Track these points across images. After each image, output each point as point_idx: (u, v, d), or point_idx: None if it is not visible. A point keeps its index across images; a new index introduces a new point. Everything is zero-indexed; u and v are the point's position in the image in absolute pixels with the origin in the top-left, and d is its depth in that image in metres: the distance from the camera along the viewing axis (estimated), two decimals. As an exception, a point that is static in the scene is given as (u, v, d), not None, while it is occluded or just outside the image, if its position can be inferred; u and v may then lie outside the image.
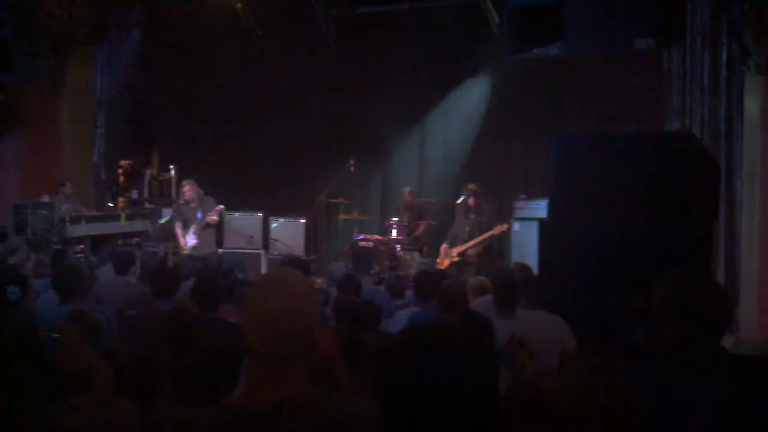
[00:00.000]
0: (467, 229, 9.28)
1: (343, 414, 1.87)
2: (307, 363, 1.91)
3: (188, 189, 9.95)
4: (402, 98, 11.99)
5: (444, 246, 9.52)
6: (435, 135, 11.79)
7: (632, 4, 5.90)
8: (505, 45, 6.57)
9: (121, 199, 12.09)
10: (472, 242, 9.21)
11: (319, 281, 6.89)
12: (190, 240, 9.79)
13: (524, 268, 6.26)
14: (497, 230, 9.26)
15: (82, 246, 9.34)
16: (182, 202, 10.00)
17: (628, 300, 4.10)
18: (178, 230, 10.01)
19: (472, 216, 9.34)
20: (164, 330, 3.55)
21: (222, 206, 10.04)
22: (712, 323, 2.37)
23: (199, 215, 9.86)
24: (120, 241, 9.81)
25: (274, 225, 11.50)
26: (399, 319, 5.33)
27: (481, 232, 9.22)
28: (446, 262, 9.34)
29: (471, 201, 9.34)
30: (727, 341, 4.88)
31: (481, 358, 1.43)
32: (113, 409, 3.08)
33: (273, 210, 11.83)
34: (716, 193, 6.32)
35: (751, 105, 7.67)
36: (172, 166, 12.38)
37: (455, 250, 9.28)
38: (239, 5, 12.03)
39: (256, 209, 11.72)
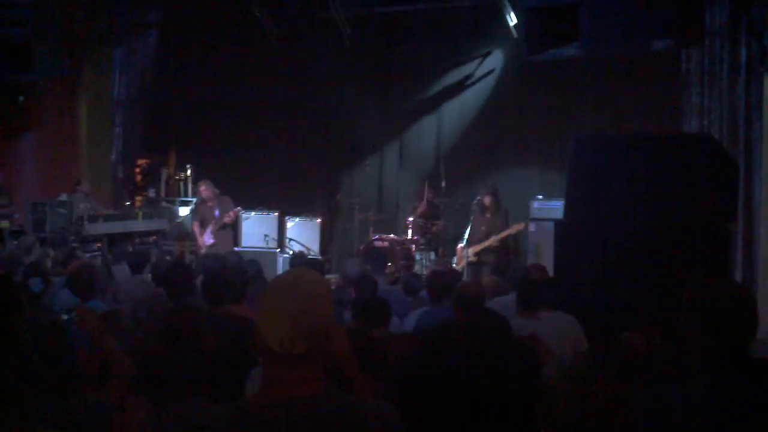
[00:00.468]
0: (483, 228, 9.24)
1: (358, 413, 1.87)
2: (321, 362, 1.92)
3: (204, 189, 10.01)
4: (419, 98, 11.99)
5: (460, 247, 9.49)
6: (452, 135, 11.77)
7: (650, 5, 5.87)
8: (523, 45, 6.56)
9: (138, 198, 12.17)
10: (489, 242, 9.15)
11: (333, 279, 6.92)
12: (207, 239, 9.84)
13: (540, 269, 6.25)
14: (514, 229, 9.20)
15: (99, 244, 9.41)
16: (199, 201, 10.07)
17: (643, 301, 4.07)
18: (196, 229, 10.08)
19: (488, 215, 9.30)
20: (166, 328, 3.56)
21: (239, 208, 10.09)
22: (736, 331, 2.31)
23: (216, 214, 9.92)
24: (137, 240, 9.87)
25: (290, 224, 11.53)
26: (411, 318, 5.34)
27: (498, 232, 9.17)
28: (462, 263, 9.31)
29: (487, 200, 9.30)
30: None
31: (509, 356, 1.38)
32: (130, 406, 3.10)
33: (289, 209, 11.87)
34: (734, 194, 6.27)
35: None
36: (189, 166, 12.45)
37: (471, 250, 9.24)
38: (256, 6, 12.06)
39: (272, 208, 11.77)
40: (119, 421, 2.93)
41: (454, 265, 9.42)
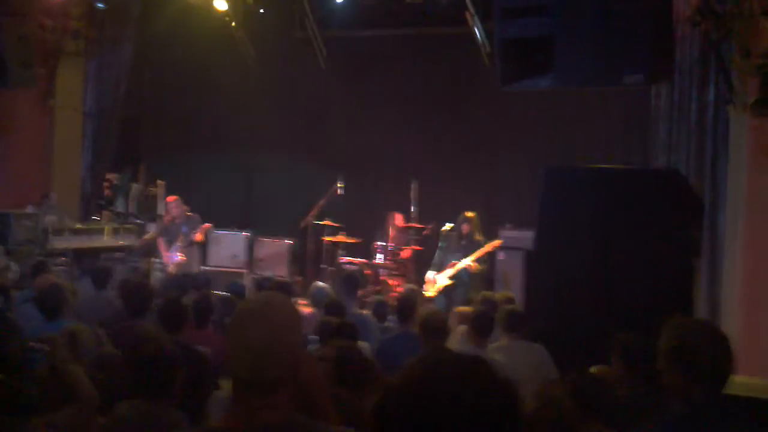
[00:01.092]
0: (458, 254, 9.23)
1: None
2: (290, 390, 1.90)
3: (174, 205, 9.93)
4: (392, 123, 12.03)
5: (429, 275, 9.44)
6: (424, 160, 11.82)
7: (623, 40, 5.96)
8: (497, 76, 6.62)
9: (106, 213, 12.01)
10: (465, 261, 9.09)
11: (303, 302, 6.87)
12: (173, 257, 9.74)
13: (507, 299, 6.28)
14: (490, 247, 9.16)
15: (64, 258, 9.26)
16: (167, 218, 9.98)
17: (610, 333, 4.09)
18: (162, 246, 9.97)
19: (463, 242, 9.29)
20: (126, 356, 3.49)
21: (209, 224, 10.01)
22: (715, 373, 2.35)
23: (184, 230, 9.83)
24: (103, 255, 9.74)
25: (259, 245, 11.48)
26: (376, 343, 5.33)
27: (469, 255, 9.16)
28: (432, 289, 9.27)
29: (465, 228, 9.30)
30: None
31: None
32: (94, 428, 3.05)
33: (258, 230, 11.81)
34: (699, 229, 6.37)
35: (737, 143, 7.75)
36: (160, 181, 12.35)
37: (445, 275, 9.19)
38: (233, 24, 12.07)
39: (242, 228, 11.70)
40: None
41: (424, 293, 9.39)
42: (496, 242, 9.23)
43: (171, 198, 10.10)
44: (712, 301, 8.08)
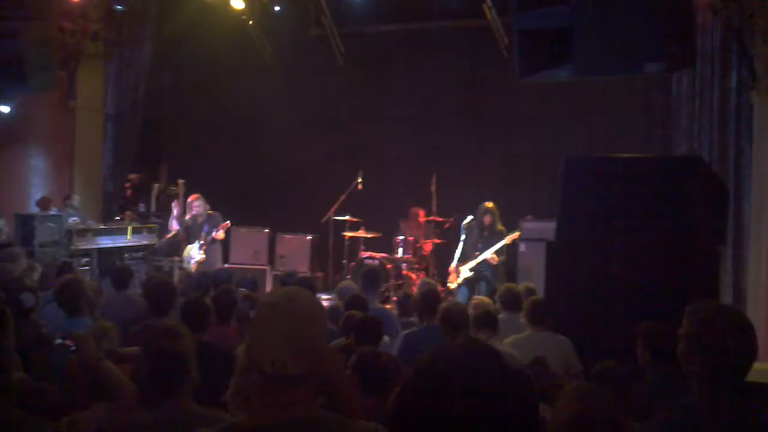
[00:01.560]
0: (479, 245, 9.20)
1: (348, 435, 1.85)
2: (314, 384, 1.90)
3: (197, 204, 9.99)
4: (411, 116, 12.02)
5: (452, 266, 9.43)
6: (444, 154, 11.79)
7: (643, 28, 5.91)
8: (515, 67, 6.58)
9: (128, 213, 12.11)
10: (485, 255, 9.06)
11: (324, 298, 6.87)
12: (196, 255, 9.80)
13: (529, 290, 6.25)
14: (509, 239, 9.12)
15: (88, 259, 9.35)
16: (189, 216, 10.04)
17: (634, 323, 4.06)
18: (185, 244, 10.05)
19: (485, 234, 9.25)
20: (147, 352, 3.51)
21: (228, 222, 10.06)
22: (737, 359, 2.30)
23: (205, 229, 9.89)
24: (126, 255, 9.82)
25: (280, 241, 11.53)
26: (398, 339, 5.32)
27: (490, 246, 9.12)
28: (455, 281, 9.26)
29: (486, 219, 9.27)
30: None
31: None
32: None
33: (280, 226, 11.85)
34: (724, 217, 6.30)
35: (761, 129, 7.66)
36: (181, 181, 12.43)
37: (466, 266, 9.17)
38: (250, 23, 12.10)
39: (263, 225, 11.74)
40: None
41: (448, 284, 9.39)
42: (516, 234, 9.19)
43: (193, 196, 10.16)
44: (737, 288, 8.01)
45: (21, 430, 2.40)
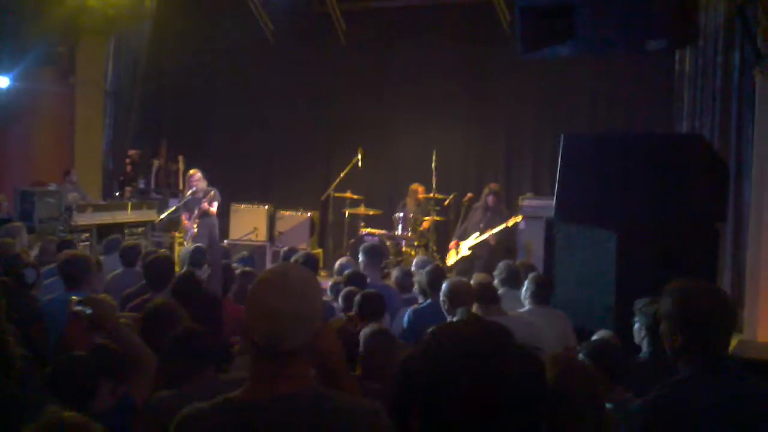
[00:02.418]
0: (481, 225, 9.21)
1: (345, 411, 1.86)
2: (309, 359, 1.91)
3: (196, 179, 9.98)
4: (412, 94, 11.97)
5: (453, 243, 9.43)
6: (444, 131, 11.76)
7: (645, 5, 5.85)
8: (517, 44, 6.53)
9: (128, 189, 12.11)
10: (484, 236, 9.08)
11: (323, 275, 6.88)
12: (190, 229, 9.83)
13: (528, 267, 6.26)
14: (511, 221, 9.13)
15: (87, 234, 9.36)
16: (189, 191, 10.04)
17: (632, 299, 4.07)
18: (185, 220, 10.05)
19: (488, 214, 9.25)
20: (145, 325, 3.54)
21: (213, 191, 10.01)
22: (718, 333, 2.35)
23: (202, 204, 9.91)
24: (126, 231, 9.82)
25: (280, 218, 11.53)
26: (402, 315, 5.34)
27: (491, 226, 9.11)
28: (452, 258, 9.29)
29: (491, 200, 9.27)
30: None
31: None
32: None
33: (279, 203, 11.85)
34: (724, 194, 6.28)
35: (763, 108, 7.62)
36: (180, 157, 12.42)
37: (466, 244, 9.21)
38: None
39: (263, 202, 11.75)
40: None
41: (446, 260, 9.41)
42: (518, 218, 9.18)
43: (192, 171, 10.14)
44: (737, 267, 8.02)
45: (20, 407, 2.40)
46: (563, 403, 2.15)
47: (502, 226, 8.99)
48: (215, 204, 10.07)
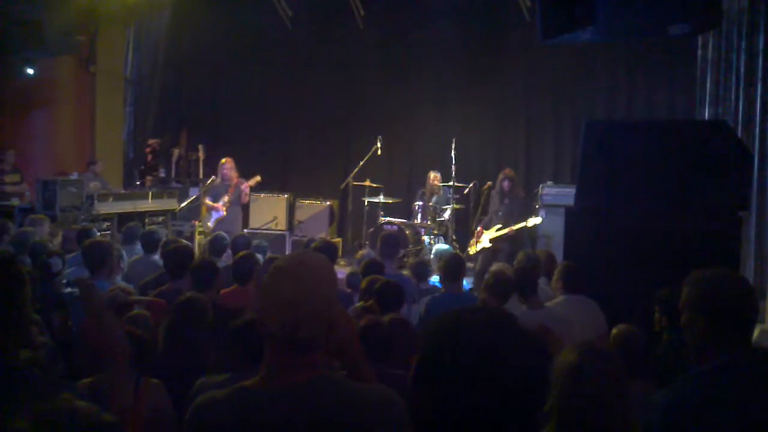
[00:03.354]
0: (500, 213, 9.15)
1: (361, 399, 1.84)
2: (325, 348, 1.89)
3: (227, 167, 9.97)
4: (431, 81, 11.92)
5: (479, 230, 9.37)
6: (463, 119, 11.70)
7: (667, -12, 5.76)
8: (537, 30, 6.46)
9: (148, 178, 12.17)
10: (504, 231, 9.02)
11: (342, 263, 6.87)
12: (215, 214, 9.85)
13: (548, 256, 6.20)
14: (531, 223, 9.00)
15: (108, 224, 9.41)
16: (218, 178, 10.07)
17: (653, 289, 4.03)
18: (207, 206, 10.07)
19: (506, 201, 9.19)
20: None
21: (246, 184, 10.04)
22: (740, 322, 2.30)
23: (243, 191, 9.94)
24: (146, 220, 9.87)
25: (300, 207, 11.55)
26: (420, 304, 5.32)
27: (513, 219, 9.03)
28: (477, 247, 9.23)
29: (506, 185, 9.19)
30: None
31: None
32: (144, 388, 3.08)
33: (299, 192, 11.86)
34: (748, 181, 6.20)
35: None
36: (201, 146, 12.45)
37: (487, 236, 9.14)
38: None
39: (282, 190, 11.77)
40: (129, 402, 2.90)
41: (468, 250, 9.36)
42: (537, 219, 8.98)
43: (226, 159, 10.13)
44: (760, 254, 7.92)
45: (39, 392, 2.41)
46: (581, 383, 2.13)
47: (522, 224, 8.87)
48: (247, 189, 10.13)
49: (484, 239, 9.16)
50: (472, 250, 9.31)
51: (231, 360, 3.05)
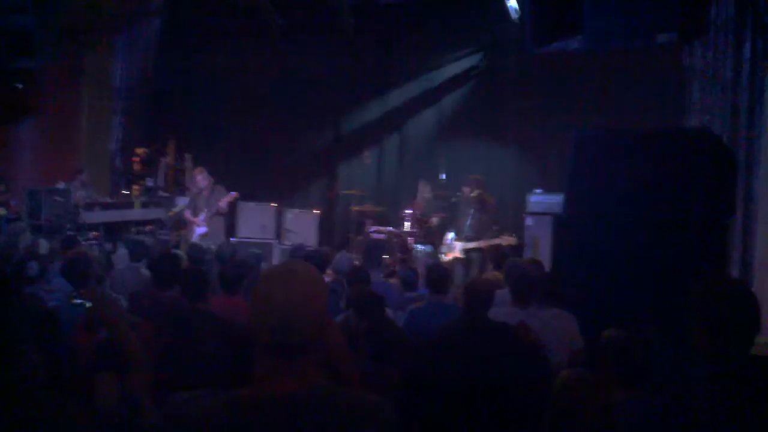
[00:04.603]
0: (467, 222, 9.09)
1: (352, 407, 1.84)
2: (314, 356, 1.89)
3: (202, 177, 9.98)
4: (420, 90, 11.94)
5: (448, 236, 9.34)
6: (452, 127, 11.73)
7: (654, -2, 5.81)
8: (527, 38, 6.50)
9: (136, 187, 12.11)
10: (475, 245, 8.96)
11: (330, 272, 6.85)
12: (199, 229, 9.82)
13: (536, 265, 6.20)
14: (505, 242, 8.91)
15: (96, 233, 9.37)
16: (195, 190, 10.04)
17: (641, 297, 4.04)
18: (191, 218, 10.05)
19: (471, 209, 9.15)
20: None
21: (235, 193, 10.03)
22: (742, 329, 2.30)
23: (209, 202, 9.90)
24: (133, 229, 9.83)
25: (288, 216, 11.52)
26: (405, 312, 5.30)
27: (485, 233, 8.97)
28: (450, 256, 9.22)
29: (465, 191, 9.16)
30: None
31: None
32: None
33: (287, 200, 11.84)
34: (733, 188, 6.24)
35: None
36: (188, 155, 12.42)
37: (460, 246, 9.11)
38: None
39: (270, 199, 11.74)
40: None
41: (443, 257, 9.34)
42: (512, 239, 8.88)
43: (197, 169, 10.14)
44: (745, 261, 7.96)
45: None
46: (565, 417, 2.13)
47: (497, 242, 8.80)
48: (226, 202, 10.07)
49: (458, 248, 9.11)
50: (444, 257, 9.27)
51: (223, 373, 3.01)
